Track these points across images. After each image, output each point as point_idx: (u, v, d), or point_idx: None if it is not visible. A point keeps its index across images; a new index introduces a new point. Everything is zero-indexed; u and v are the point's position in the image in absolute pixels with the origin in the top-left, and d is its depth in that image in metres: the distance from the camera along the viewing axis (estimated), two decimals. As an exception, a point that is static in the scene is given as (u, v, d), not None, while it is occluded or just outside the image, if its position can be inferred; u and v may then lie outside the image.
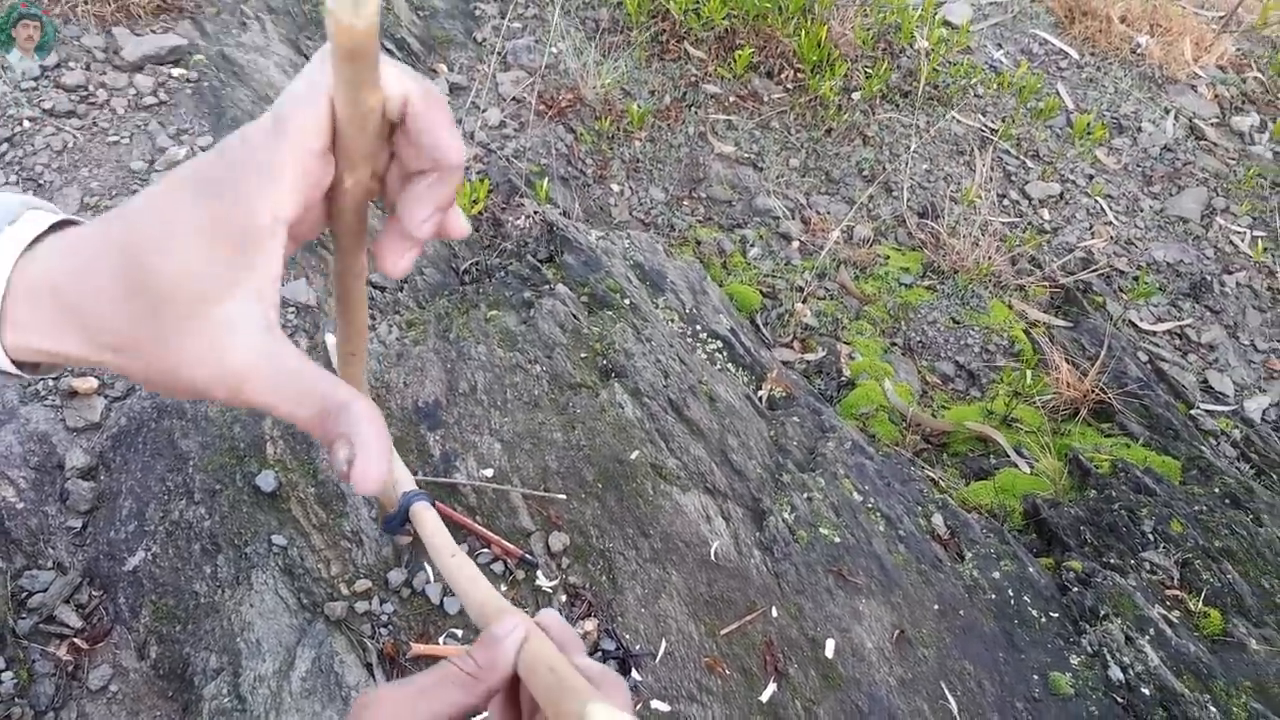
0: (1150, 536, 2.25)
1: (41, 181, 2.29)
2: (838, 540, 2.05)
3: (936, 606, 1.98)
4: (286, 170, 0.38)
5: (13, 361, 0.41)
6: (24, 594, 1.75)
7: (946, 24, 4.43)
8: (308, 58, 2.61)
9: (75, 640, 1.72)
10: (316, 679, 1.67)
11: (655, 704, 1.72)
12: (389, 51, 3.35)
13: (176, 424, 1.98)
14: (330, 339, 2.14)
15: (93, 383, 2.00)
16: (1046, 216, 3.81)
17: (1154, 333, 3.44)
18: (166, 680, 1.68)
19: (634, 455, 2.07)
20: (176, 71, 2.61)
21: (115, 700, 1.67)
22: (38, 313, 0.40)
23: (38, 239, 0.41)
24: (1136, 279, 3.61)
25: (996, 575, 2.08)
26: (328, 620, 1.74)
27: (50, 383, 2.00)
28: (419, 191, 0.41)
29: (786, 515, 2.07)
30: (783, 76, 3.97)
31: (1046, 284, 3.51)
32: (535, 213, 2.85)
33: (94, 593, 1.78)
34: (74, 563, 1.81)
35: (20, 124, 2.37)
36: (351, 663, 1.70)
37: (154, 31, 2.70)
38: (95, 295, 0.38)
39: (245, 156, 0.38)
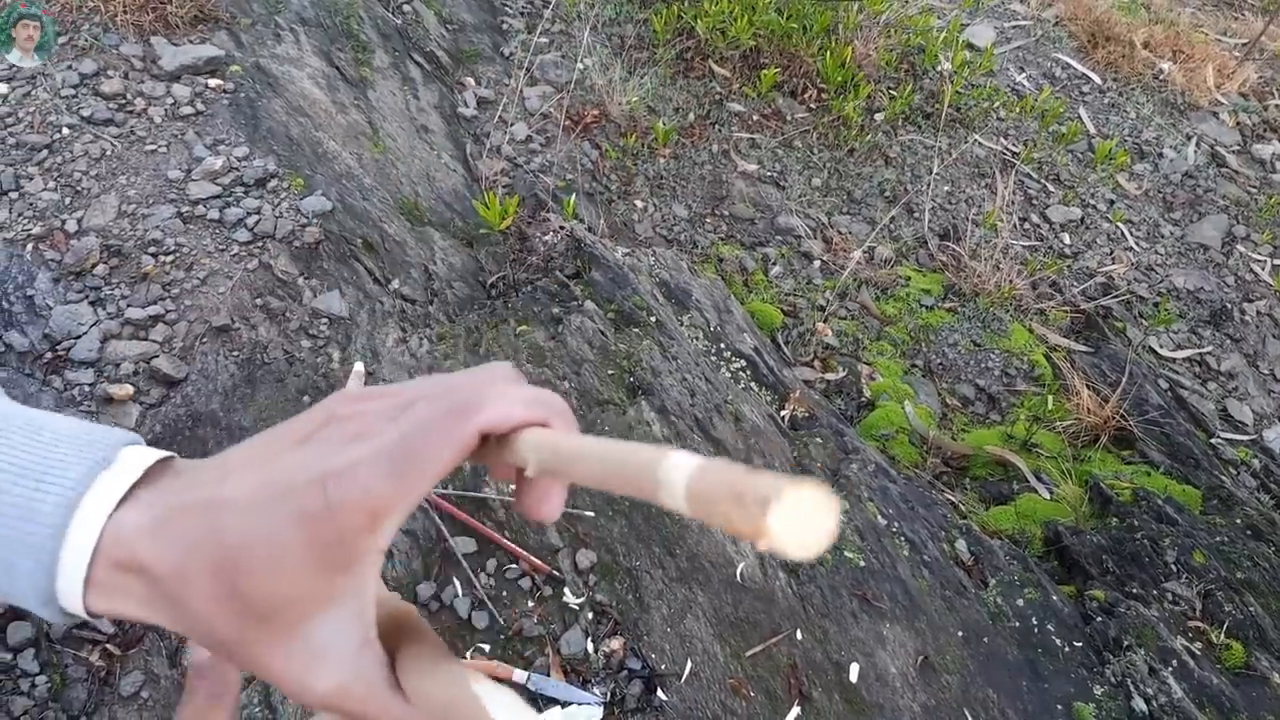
0: (1173, 567, 2.26)
1: (79, 188, 2.32)
2: (862, 564, 2.06)
3: (960, 633, 1.99)
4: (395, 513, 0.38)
5: (89, 613, 0.39)
6: (58, 599, 1.77)
7: (970, 47, 4.45)
8: (340, 70, 2.64)
9: (108, 646, 1.73)
10: (345, 691, 1.68)
11: (680, 724, 1.73)
12: (418, 65, 3.38)
13: (210, 432, 2.00)
14: (359, 366, 2.16)
15: (128, 389, 2.03)
16: (1067, 241, 3.82)
17: (1174, 360, 3.44)
18: (198, 688, 1.69)
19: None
20: (213, 82, 2.64)
21: (146, 707, 1.68)
22: (128, 585, 0.38)
23: (131, 490, 0.39)
24: (1157, 305, 3.62)
25: (1020, 603, 2.08)
26: (357, 632, 1.76)
27: (85, 389, 2.02)
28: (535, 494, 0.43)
29: (811, 537, 2.08)
30: (806, 96, 3.99)
31: (1067, 308, 3.52)
32: (562, 228, 2.88)
33: (127, 599, 1.80)
34: (107, 569, 1.82)
35: (59, 131, 2.40)
36: (380, 675, 1.71)
37: (191, 42, 2.73)
38: (192, 593, 0.37)
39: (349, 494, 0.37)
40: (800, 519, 0.27)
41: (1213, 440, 3.01)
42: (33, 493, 0.38)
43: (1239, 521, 2.48)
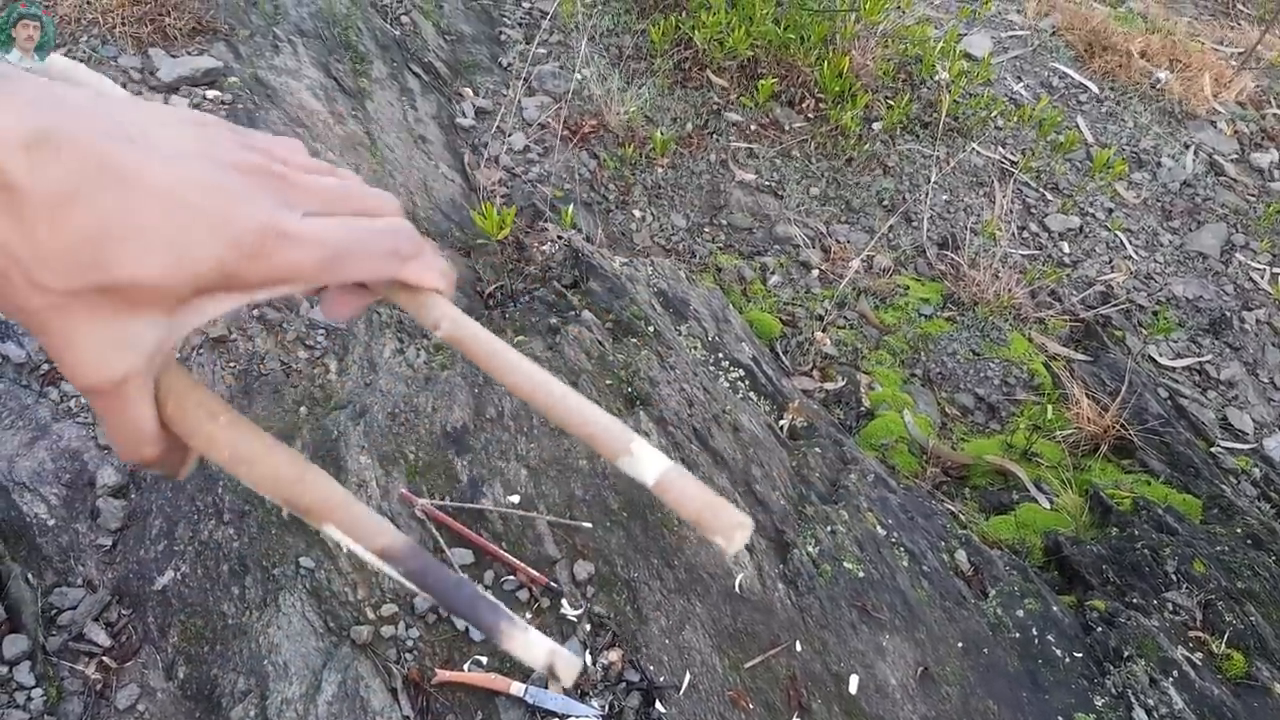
0: (1173, 576, 2.25)
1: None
2: (861, 575, 2.05)
3: (960, 644, 1.98)
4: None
5: None
6: (54, 611, 1.76)
7: (967, 56, 4.46)
8: (338, 81, 2.65)
9: (104, 659, 1.73)
10: (342, 703, 1.68)
11: (679, 736, 1.72)
12: (416, 75, 3.39)
13: (207, 444, 1.99)
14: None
15: (125, 401, 2.02)
16: (1066, 249, 3.82)
17: (1173, 369, 3.44)
18: (194, 701, 1.69)
19: (659, 484, 2.08)
20: (211, 93, 2.64)
21: (142, 720, 1.67)
22: None
23: None
24: (1156, 314, 3.62)
25: (1020, 613, 2.08)
26: (353, 644, 1.75)
27: (82, 401, 2.02)
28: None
29: (810, 548, 2.07)
30: (804, 106, 4.00)
31: (1066, 317, 3.52)
32: (559, 238, 2.87)
33: (123, 611, 1.79)
34: (104, 581, 1.82)
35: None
36: (377, 688, 1.70)
37: (189, 53, 2.73)
38: (49, 229, 0.33)
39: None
40: (741, 537, 0.39)
41: (1213, 449, 3.00)
42: None
43: (1239, 531, 2.48)
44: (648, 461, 0.40)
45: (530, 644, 0.38)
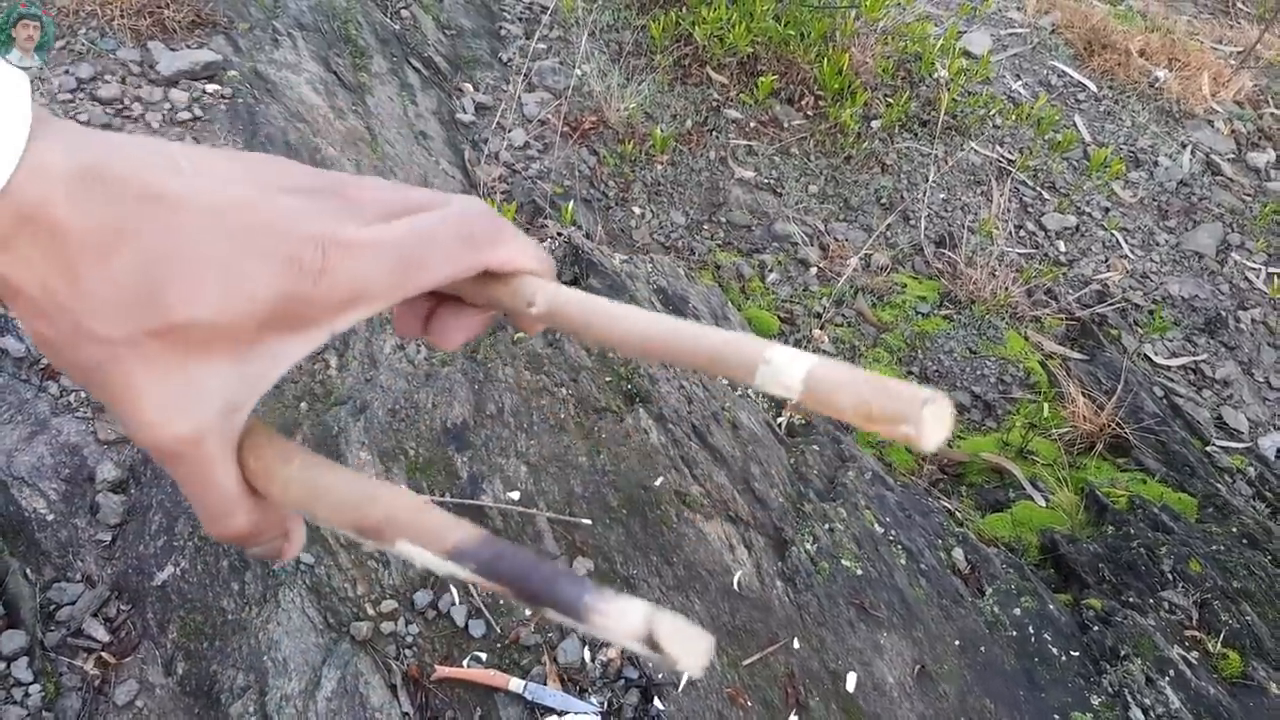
0: (1169, 575, 2.26)
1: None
2: (859, 572, 2.06)
3: (957, 642, 1.99)
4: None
5: None
6: (53, 606, 1.76)
7: (966, 54, 4.46)
8: (338, 75, 2.65)
9: (103, 654, 1.73)
10: (341, 699, 1.68)
11: (678, 733, 1.73)
12: (416, 70, 3.38)
13: (206, 439, 1.99)
14: None
15: (124, 396, 2.02)
16: (1063, 248, 3.83)
17: (1169, 367, 3.45)
18: (193, 697, 1.69)
19: (658, 482, 2.08)
20: (211, 87, 2.64)
21: (141, 716, 1.67)
22: (19, 240, 0.31)
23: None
24: (1152, 313, 3.63)
25: (1017, 612, 2.09)
26: (353, 640, 1.75)
27: (81, 395, 2.02)
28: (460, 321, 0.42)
29: (809, 546, 2.08)
30: (803, 103, 4.00)
31: (1062, 316, 3.53)
32: (559, 234, 2.87)
33: (122, 607, 1.79)
34: (103, 576, 1.82)
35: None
36: (376, 684, 1.71)
37: (189, 46, 2.73)
38: (100, 273, 0.32)
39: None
40: (934, 418, 0.30)
41: (1208, 448, 3.01)
42: None
43: (1235, 530, 2.49)
44: (788, 364, 0.33)
45: (623, 620, 0.31)
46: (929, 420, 0.30)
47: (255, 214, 0.33)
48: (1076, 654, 2.03)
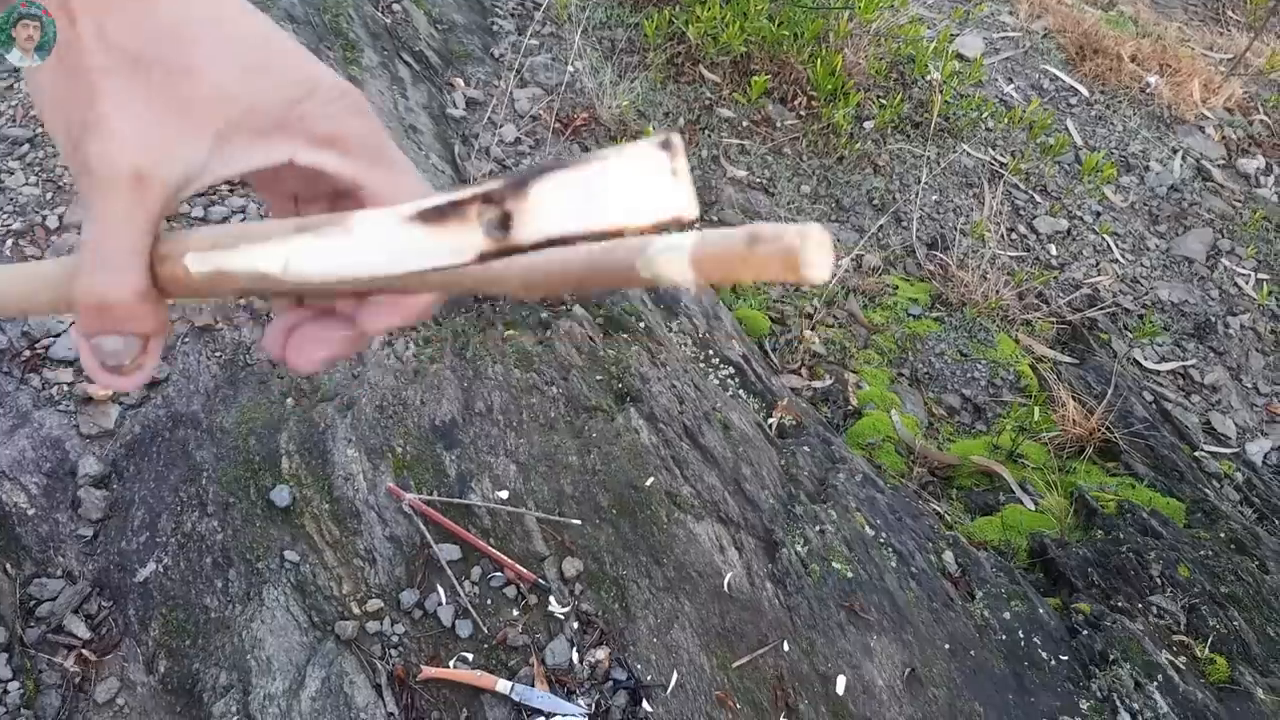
0: (1158, 580, 2.26)
1: (61, 183, 2.28)
2: (850, 575, 2.05)
3: (947, 646, 1.98)
4: None
5: None
6: (33, 602, 1.73)
7: (959, 57, 4.46)
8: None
9: (83, 651, 1.70)
10: (326, 699, 1.66)
11: (666, 736, 1.72)
12: (407, 65, 3.36)
13: (191, 434, 1.96)
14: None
15: (108, 389, 1.99)
16: (1054, 252, 3.83)
17: (1158, 372, 3.46)
18: (175, 695, 1.66)
19: (649, 482, 2.07)
20: (199, 78, 2.60)
21: (122, 714, 1.65)
22: None
23: None
24: (1142, 318, 3.63)
25: (1007, 616, 2.08)
26: (338, 640, 1.73)
27: (65, 388, 1.99)
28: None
29: (799, 548, 2.07)
30: (796, 103, 3.99)
31: (1053, 320, 3.53)
32: (551, 232, 2.85)
33: (103, 603, 1.76)
34: (84, 572, 1.79)
35: (41, 125, 2.35)
36: (361, 684, 1.69)
37: (177, 37, 2.69)
38: (117, 20, 0.34)
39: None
40: (817, 249, 0.29)
41: (1196, 453, 3.02)
42: None
43: (1223, 535, 2.49)
44: (671, 250, 0.31)
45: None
46: (811, 255, 0.29)
47: (298, 45, 0.38)
48: (1065, 658, 2.02)
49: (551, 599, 1.85)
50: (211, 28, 0.34)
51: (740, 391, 2.57)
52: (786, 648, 1.89)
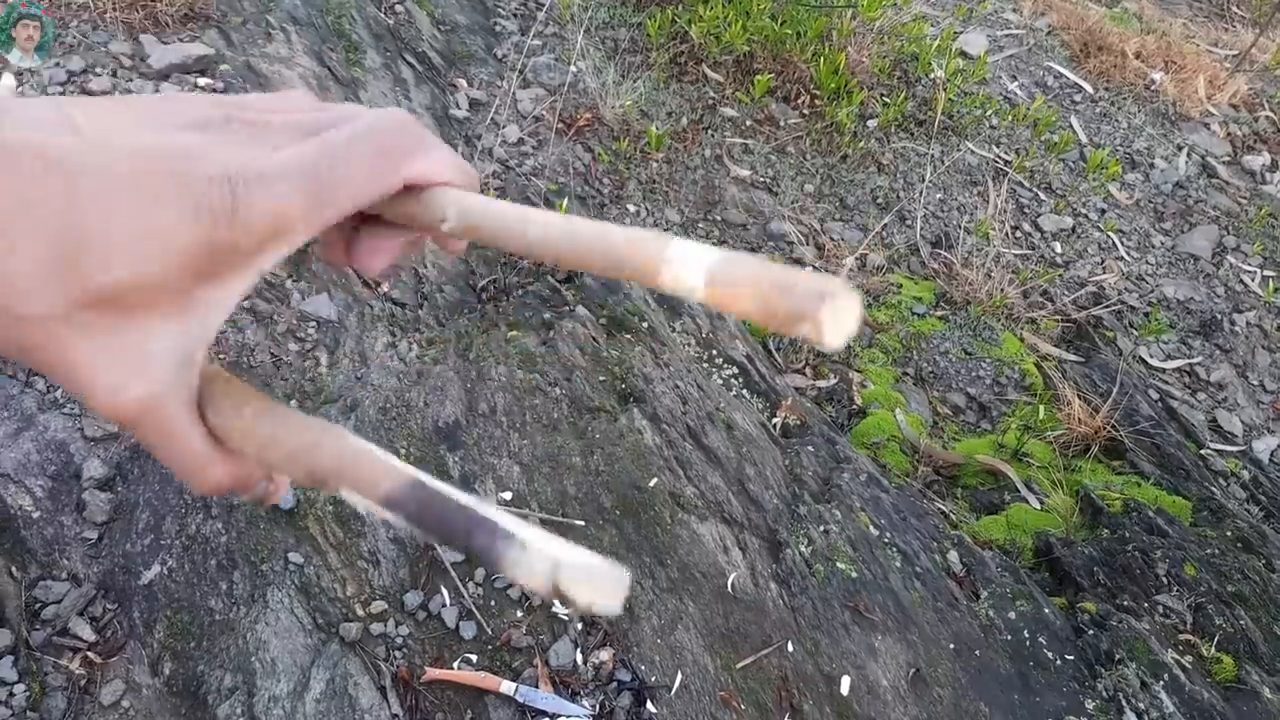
0: (1164, 579, 2.25)
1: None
2: (854, 575, 2.04)
3: (952, 646, 1.98)
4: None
5: None
6: (38, 605, 1.74)
7: (963, 55, 4.45)
8: (331, 70, 2.62)
9: (88, 654, 1.70)
10: (330, 701, 1.66)
11: (670, 737, 1.72)
12: (410, 65, 3.36)
13: (195, 437, 1.97)
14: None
15: (112, 393, 1.99)
16: (1059, 250, 3.82)
17: (1164, 370, 3.45)
18: (180, 698, 1.67)
19: (652, 482, 2.07)
20: (203, 81, 2.61)
21: (127, 717, 1.65)
22: None
23: None
24: (1148, 315, 3.62)
25: (1012, 615, 2.07)
26: (342, 641, 1.73)
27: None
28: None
29: (803, 548, 2.07)
30: (800, 102, 3.98)
31: (1058, 318, 3.52)
32: (554, 232, 2.85)
33: (108, 606, 1.77)
34: (89, 574, 1.79)
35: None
36: (366, 685, 1.69)
37: (181, 40, 2.70)
38: (15, 255, 0.30)
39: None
40: (839, 314, 0.29)
41: (1202, 451, 3.01)
42: None
43: (1229, 534, 2.48)
44: (690, 261, 0.32)
45: (531, 571, 0.30)
46: (828, 318, 0.29)
47: (155, 162, 0.32)
48: (1071, 658, 2.02)
49: (555, 601, 1.85)
50: (84, 211, 0.30)
51: (744, 391, 2.57)
52: (791, 648, 1.88)
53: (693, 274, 0.32)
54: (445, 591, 1.83)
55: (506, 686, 1.70)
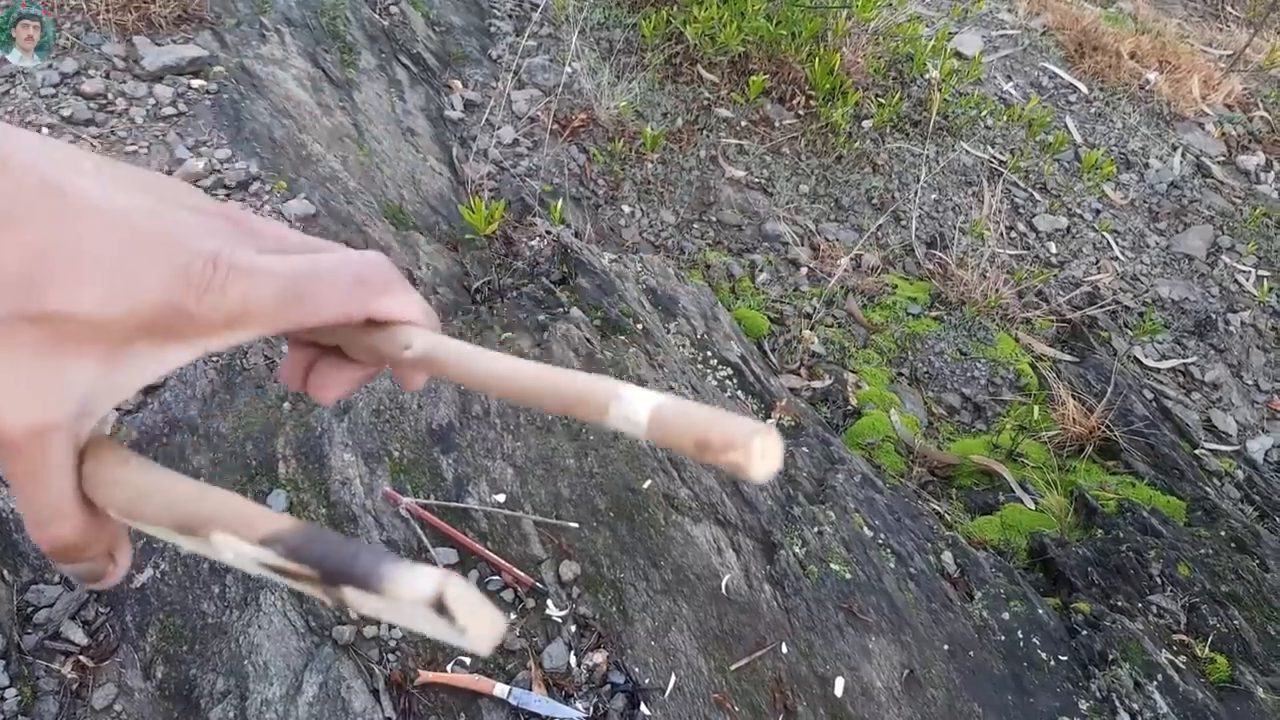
0: (1158, 579, 2.25)
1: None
2: (848, 576, 2.04)
3: (946, 647, 1.98)
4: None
5: None
6: (30, 609, 1.73)
7: (958, 55, 4.45)
8: (325, 71, 2.62)
9: (80, 658, 1.70)
10: (323, 705, 1.66)
11: (664, 739, 1.71)
12: (404, 67, 3.36)
13: (188, 439, 1.96)
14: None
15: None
16: (1054, 250, 3.82)
17: (1159, 370, 3.45)
18: (172, 702, 1.66)
19: (646, 484, 2.06)
20: (196, 82, 2.61)
21: (119, 720, 1.65)
22: None
23: None
24: (1142, 315, 3.63)
25: (1006, 616, 2.08)
26: (335, 645, 1.73)
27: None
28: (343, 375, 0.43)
29: (797, 549, 2.07)
30: (795, 103, 3.98)
31: (1053, 318, 3.52)
32: (548, 233, 2.85)
33: (101, 609, 1.76)
34: (81, 578, 1.79)
35: (39, 131, 2.36)
36: (359, 689, 1.69)
37: (174, 41, 2.69)
38: None
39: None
40: (766, 449, 0.32)
41: (1197, 451, 3.01)
42: None
43: (1223, 534, 2.48)
44: (635, 404, 0.35)
45: (413, 583, 0.31)
46: (757, 451, 0.32)
47: (152, 221, 0.33)
48: (1065, 658, 2.02)
49: (549, 602, 1.85)
50: (67, 239, 0.31)
51: (739, 392, 2.57)
52: (785, 650, 1.88)
53: (639, 414, 0.35)
54: (439, 594, 1.82)
55: (500, 689, 1.70)
